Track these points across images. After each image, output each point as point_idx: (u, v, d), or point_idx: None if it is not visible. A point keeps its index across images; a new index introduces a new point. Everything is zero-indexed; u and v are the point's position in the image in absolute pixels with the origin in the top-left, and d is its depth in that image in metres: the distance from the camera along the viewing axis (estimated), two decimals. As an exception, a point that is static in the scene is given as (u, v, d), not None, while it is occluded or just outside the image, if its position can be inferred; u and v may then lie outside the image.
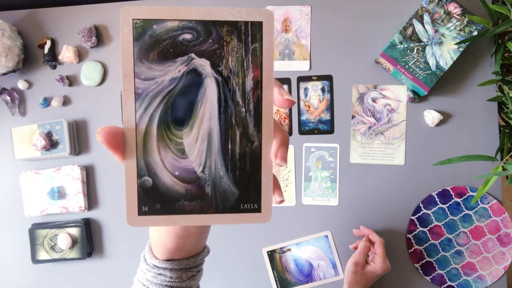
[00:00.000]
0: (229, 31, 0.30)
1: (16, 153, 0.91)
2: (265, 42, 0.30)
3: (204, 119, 0.31)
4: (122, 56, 0.29)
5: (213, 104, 0.30)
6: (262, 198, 0.32)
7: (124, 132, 0.30)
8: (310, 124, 0.93)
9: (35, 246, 0.91)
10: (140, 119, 0.30)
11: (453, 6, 0.85)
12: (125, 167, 0.30)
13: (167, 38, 0.29)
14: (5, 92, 0.94)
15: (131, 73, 0.29)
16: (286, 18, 0.93)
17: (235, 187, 0.31)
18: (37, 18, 0.95)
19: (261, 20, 0.30)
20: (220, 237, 0.93)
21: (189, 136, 0.31)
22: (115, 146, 0.30)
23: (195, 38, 0.30)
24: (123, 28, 0.29)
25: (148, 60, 0.29)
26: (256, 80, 0.31)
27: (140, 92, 0.30)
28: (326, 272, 0.91)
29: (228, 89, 0.31)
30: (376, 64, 0.91)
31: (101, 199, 0.94)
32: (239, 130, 0.31)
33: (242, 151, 0.31)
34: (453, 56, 0.85)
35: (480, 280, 0.88)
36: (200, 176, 0.31)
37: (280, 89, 0.31)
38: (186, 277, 0.50)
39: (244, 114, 0.31)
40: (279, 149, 0.31)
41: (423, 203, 0.90)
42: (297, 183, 0.92)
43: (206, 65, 0.30)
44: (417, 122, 0.91)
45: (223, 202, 0.31)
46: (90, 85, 0.94)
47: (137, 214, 0.30)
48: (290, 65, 0.93)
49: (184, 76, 0.30)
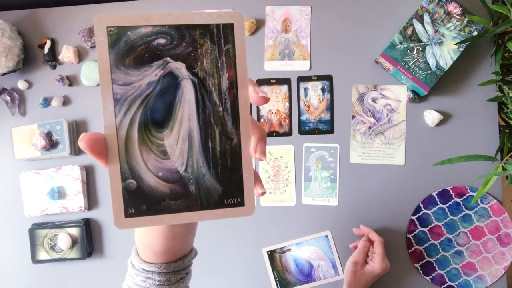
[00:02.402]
0: (202, 34, 0.31)
1: (16, 153, 0.91)
2: (237, 43, 0.32)
3: (183, 120, 0.31)
4: (99, 63, 0.30)
5: (191, 105, 0.31)
6: (245, 192, 0.33)
7: (105, 137, 0.30)
8: (310, 124, 0.93)
9: (35, 246, 0.91)
10: (121, 124, 0.30)
11: (453, 6, 0.85)
12: (109, 172, 0.31)
13: (141, 44, 0.30)
14: (5, 92, 0.94)
15: (109, 79, 0.30)
16: (286, 18, 0.93)
17: (218, 183, 0.32)
18: (37, 18, 0.95)
19: (232, 22, 0.32)
20: (220, 237, 0.93)
21: (170, 137, 0.31)
22: (97, 152, 0.30)
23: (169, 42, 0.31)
24: (98, 36, 0.30)
25: (124, 66, 0.30)
26: (231, 79, 0.32)
27: (118, 97, 0.30)
28: (326, 272, 0.91)
29: (205, 90, 0.32)
30: (376, 64, 0.91)
31: (101, 199, 0.94)
32: (218, 128, 0.32)
33: (222, 149, 0.32)
34: (453, 56, 0.85)
35: (480, 280, 0.88)
36: (183, 176, 0.32)
37: (254, 87, 0.33)
38: (174, 280, 0.50)
39: (222, 113, 0.32)
40: (258, 144, 0.33)
41: (423, 203, 0.90)
42: (297, 183, 0.92)
43: (181, 68, 0.31)
44: (417, 122, 0.91)
45: (207, 199, 0.32)
46: (90, 85, 0.94)
47: (124, 216, 0.31)
48: (290, 65, 0.93)
49: (161, 80, 0.31)
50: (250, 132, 0.33)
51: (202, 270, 0.93)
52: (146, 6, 0.94)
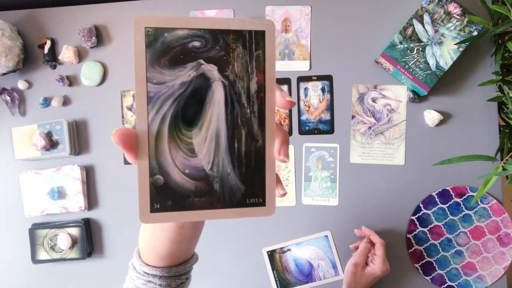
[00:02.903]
0: (235, 39, 0.32)
1: (16, 153, 0.91)
2: (268, 49, 0.33)
3: (212, 120, 0.33)
4: (135, 61, 0.31)
5: (221, 106, 0.33)
6: (267, 192, 0.34)
7: (137, 133, 0.31)
8: (310, 124, 0.93)
9: (35, 246, 0.91)
10: (152, 121, 0.32)
11: (453, 6, 0.85)
12: (138, 167, 0.32)
13: (177, 45, 0.31)
14: (5, 92, 0.94)
15: (144, 77, 0.31)
16: (286, 18, 0.93)
17: (241, 183, 0.33)
18: (37, 18, 0.95)
19: (264, 29, 0.33)
20: (220, 237, 0.93)
21: (198, 136, 0.32)
22: (129, 147, 0.31)
23: (203, 45, 0.32)
24: (136, 35, 0.31)
25: (159, 66, 0.31)
26: (260, 83, 0.33)
27: (152, 95, 0.31)
28: (326, 272, 0.91)
29: (234, 92, 0.33)
30: (376, 64, 0.91)
31: (101, 199, 0.94)
32: (244, 130, 0.33)
33: (247, 150, 0.33)
34: (453, 56, 0.85)
35: (480, 280, 0.88)
36: (209, 174, 0.33)
37: (281, 92, 0.34)
38: (175, 285, 0.50)
39: (249, 115, 0.33)
40: (282, 146, 0.34)
41: (423, 203, 0.90)
42: (297, 183, 0.92)
43: (213, 70, 0.32)
44: (417, 122, 0.91)
45: (231, 198, 0.33)
46: (90, 85, 0.94)
47: (149, 211, 0.32)
48: (290, 65, 0.93)
49: (194, 81, 0.32)
50: (275, 135, 0.34)
51: (202, 270, 0.92)
52: (146, 6, 0.94)
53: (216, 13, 0.93)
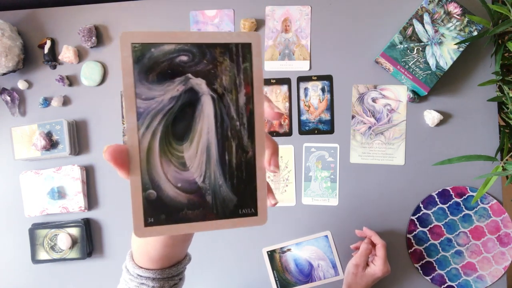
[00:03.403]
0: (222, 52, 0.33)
1: (16, 153, 0.91)
2: (255, 61, 0.33)
3: (202, 133, 0.33)
4: (123, 77, 0.31)
5: (210, 119, 0.33)
6: (258, 202, 0.34)
7: (128, 149, 0.32)
8: (310, 124, 0.93)
9: (35, 246, 0.91)
10: (143, 136, 0.32)
11: (453, 6, 0.85)
12: (130, 182, 0.32)
13: (165, 60, 0.32)
14: (5, 92, 0.94)
15: (132, 93, 0.31)
16: (286, 18, 0.93)
17: (233, 194, 0.34)
18: (37, 18, 0.95)
19: (250, 41, 0.33)
20: (220, 237, 0.93)
21: (189, 149, 0.33)
22: (120, 164, 0.32)
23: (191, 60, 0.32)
24: (123, 51, 0.31)
25: (147, 81, 0.31)
26: (248, 95, 0.33)
27: (141, 111, 0.31)
28: (326, 272, 0.91)
29: (223, 105, 0.33)
30: (376, 64, 0.91)
31: (101, 199, 0.94)
32: (234, 142, 0.34)
33: (238, 161, 0.34)
34: (453, 56, 0.85)
35: (480, 280, 0.88)
36: (201, 186, 0.33)
37: (270, 103, 0.35)
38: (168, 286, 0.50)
39: (239, 127, 0.34)
40: (272, 157, 0.34)
41: (423, 203, 0.90)
42: (297, 183, 0.92)
43: (202, 84, 0.32)
44: (417, 122, 0.91)
45: (223, 209, 0.34)
46: (90, 85, 0.94)
47: (143, 225, 0.32)
48: (290, 65, 0.93)
49: (183, 95, 0.32)
50: (264, 146, 0.34)
51: (202, 270, 0.93)
52: (146, 6, 0.94)
53: (216, 13, 0.93)
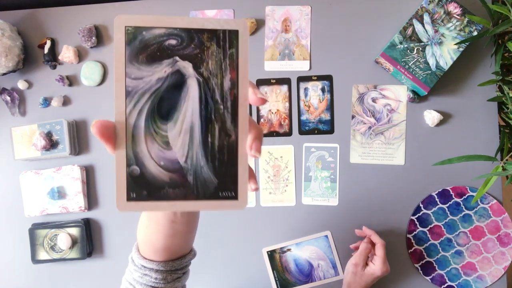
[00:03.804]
0: (209, 37, 0.34)
1: (16, 153, 0.91)
2: (241, 47, 0.34)
3: (186, 115, 0.34)
4: (115, 58, 0.33)
5: (195, 102, 0.34)
6: (239, 186, 0.35)
7: (115, 125, 0.33)
8: (310, 124, 0.93)
9: (35, 246, 0.91)
10: (130, 114, 0.33)
11: (453, 6, 0.85)
12: (115, 157, 0.33)
13: (154, 43, 0.33)
14: (5, 92, 0.94)
15: (123, 73, 0.33)
16: (286, 18, 0.93)
17: (214, 176, 0.35)
18: (37, 18, 0.95)
19: (237, 28, 0.34)
20: (220, 237, 0.93)
21: (173, 129, 0.34)
22: (107, 138, 0.33)
23: (179, 44, 0.34)
24: (117, 34, 0.33)
25: (137, 62, 0.33)
26: (233, 81, 0.34)
27: (130, 90, 0.33)
28: (326, 272, 0.91)
29: (208, 88, 0.34)
30: (376, 64, 0.91)
31: (101, 199, 0.94)
32: (218, 125, 0.34)
33: (220, 144, 0.35)
34: (453, 56, 0.85)
35: (480, 280, 0.88)
36: (183, 166, 0.34)
37: (254, 89, 0.35)
38: (171, 279, 0.51)
39: (223, 111, 0.34)
40: (254, 142, 0.35)
41: (423, 203, 0.90)
42: (297, 183, 0.92)
43: (188, 67, 0.34)
44: (417, 122, 0.91)
45: (204, 190, 0.35)
46: (90, 85, 0.94)
47: (125, 200, 0.33)
48: (290, 65, 0.93)
49: (169, 77, 0.34)
50: (247, 130, 0.35)
51: (201, 270, 0.92)
52: (146, 6, 0.94)
53: (216, 13, 0.93)
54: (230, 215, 0.93)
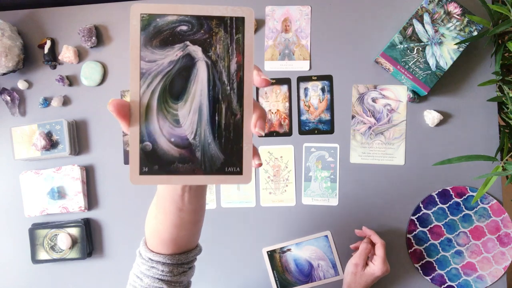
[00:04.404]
0: (218, 24, 0.36)
1: (16, 153, 0.91)
2: (246, 33, 0.37)
3: (196, 95, 0.37)
4: (131, 42, 0.36)
5: (204, 83, 0.37)
6: (244, 162, 0.37)
7: (130, 104, 0.36)
8: (310, 124, 0.93)
9: (35, 246, 0.91)
10: (143, 94, 0.36)
11: (453, 6, 0.85)
12: (129, 133, 0.36)
13: (167, 29, 0.36)
14: (5, 92, 0.94)
15: (138, 56, 0.36)
16: (286, 18, 0.93)
17: (221, 152, 0.37)
18: (37, 18, 0.95)
19: (243, 15, 0.37)
20: (220, 237, 0.93)
21: (183, 108, 0.37)
22: (122, 115, 0.35)
23: (190, 29, 0.36)
24: (132, 20, 0.35)
25: (151, 46, 0.36)
26: (239, 63, 0.37)
27: (144, 72, 0.36)
28: (326, 272, 0.91)
29: (216, 71, 0.37)
30: (376, 64, 0.91)
31: (101, 199, 0.94)
32: (224, 104, 0.37)
33: (227, 122, 0.37)
34: (453, 56, 0.85)
35: (480, 280, 0.88)
36: (192, 143, 0.37)
37: (258, 72, 0.38)
38: (177, 272, 0.53)
39: (229, 92, 0.37)
40: (258, 120, 0.37)
41: (423, 203, 0.90)
42: (297, 183, 0.92)
43: (198, 51, 0.36)
44: (417, 122, 0.91)
45: (211, 165, 0.37)
46: (90, 85, 0.94)
47: (138, 173, 0.36)
48: (290, 65, 0.93)
49: (180, 60, 0.36)
50: (252, 110, 0.37)
51: (201, 270, 0.93)
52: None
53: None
54: (230, 215, 0.93)
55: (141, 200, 0.93)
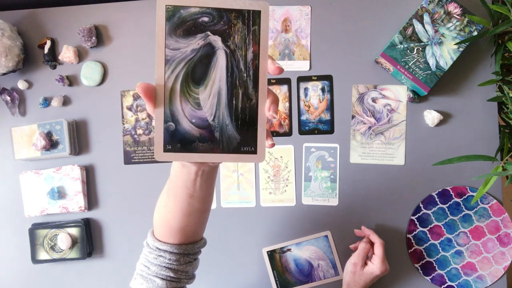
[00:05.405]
0: (236, 16, 0.40)
1: (16, 153, 0.91)
2: (262, 25, 0.40)
3: (215, 81, 0.40)
4: (157, 31, 0.39)
5: (223, 70, 0.40)
6: (258, 143, 0.41)
7: (155, 87, 0.39)
8: (310, 124, 0.93)
9: (35, 246, 0.91)
10: (168, 79, 0.40)
11: (453, 6, 0.85)
12: (155, 114, 0.40)
13: (190, 20, 0.39)
14: (5, 92, 0.94)
15: (163, 44, 0.39)
16: (286, 18, 0.93)
17: (237, 133, 0.41)
18: (37, 18, 0.95)
19: (260, 9, 0.40)
20: (220, 237, 0.93)
21: (204, 93, 0.40)
22: (149, 97, 0.39)
23: (211, 21, 0.40)
24: (158, 11, 0.39)
25: (175, 35, 0.39)
26: (255, 53, 0.40)
27: (168, 58, 0.39)
28: (326, 272, 0.91)
29: (234, 59, 0.40)
30: (376, 64, 0.91)
31: (101, 199, 0.94)
32: (241, 90, 0.40)
33: (243, 106, 0.41)
34: (453, 56, 0.85)
35: (480, 280, 0.88)
36: (211, 124, 0.40)
37: (272, 60, 0.41)
38: (183, 261, 0.56)
39: (246, 78, 0.40)
40: (271, 105, 0.41)
41: (423, 203, 0.90)
42: (297, 183, 0.92)
43: (218, 41, 0.40)
44: (417, 122, 0.91)
45: (228, 145, 0.41)
46: (90, 85, 0.94)
47: (162, 151, 0.40)
48: (290, 65, 0.93)
49: (202, 48, 0.40)
50: (266, 95, 0.41)
51: (201, 270, 0.92)
52: (146, 6, 0.94)
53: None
54: (230, 215, 0.93)
55: (141, 200, 0.93)
